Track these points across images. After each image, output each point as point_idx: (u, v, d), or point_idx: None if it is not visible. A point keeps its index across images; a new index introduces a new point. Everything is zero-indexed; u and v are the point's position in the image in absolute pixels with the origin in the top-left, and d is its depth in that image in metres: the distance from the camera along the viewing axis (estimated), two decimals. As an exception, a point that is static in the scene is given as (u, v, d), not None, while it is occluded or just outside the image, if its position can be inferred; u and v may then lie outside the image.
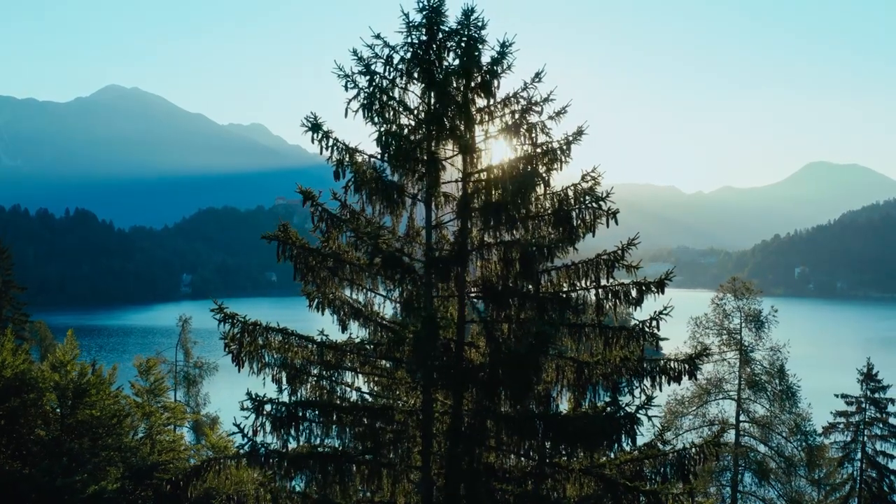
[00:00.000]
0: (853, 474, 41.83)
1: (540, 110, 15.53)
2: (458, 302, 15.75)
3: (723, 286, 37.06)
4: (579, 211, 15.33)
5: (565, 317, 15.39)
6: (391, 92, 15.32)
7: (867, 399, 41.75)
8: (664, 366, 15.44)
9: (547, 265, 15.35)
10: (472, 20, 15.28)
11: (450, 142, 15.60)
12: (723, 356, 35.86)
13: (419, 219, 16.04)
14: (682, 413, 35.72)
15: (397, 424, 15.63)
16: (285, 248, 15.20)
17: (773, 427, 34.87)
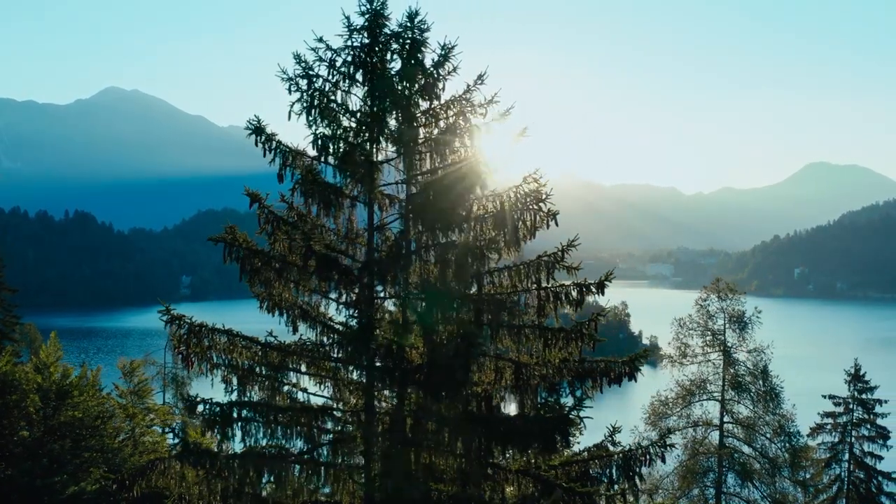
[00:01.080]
0: (841, 475, 41.97)
1: (484, 112, 15.58)
2: (402, 304, 15.88)
3: (706, 287, 37.11)
4: (521, 213, 15.32)
5: (502, 318, 15.45)
6: (333, 95, 15.37)
7: (855, 400, 41.89)
8: (605, 367, 15.60)
9: (490, 267, 15.46)
10: (416, 23, 15.33)
11: (392, 144, 15.73)
12: (707, 357, 35.89)
13: (366, 221, 16.19)
14: (666, 414, 35.76)
15: (339, 425, 15.77)
16: (231, 249, 15.27)
17: (757, 428, 34.91)
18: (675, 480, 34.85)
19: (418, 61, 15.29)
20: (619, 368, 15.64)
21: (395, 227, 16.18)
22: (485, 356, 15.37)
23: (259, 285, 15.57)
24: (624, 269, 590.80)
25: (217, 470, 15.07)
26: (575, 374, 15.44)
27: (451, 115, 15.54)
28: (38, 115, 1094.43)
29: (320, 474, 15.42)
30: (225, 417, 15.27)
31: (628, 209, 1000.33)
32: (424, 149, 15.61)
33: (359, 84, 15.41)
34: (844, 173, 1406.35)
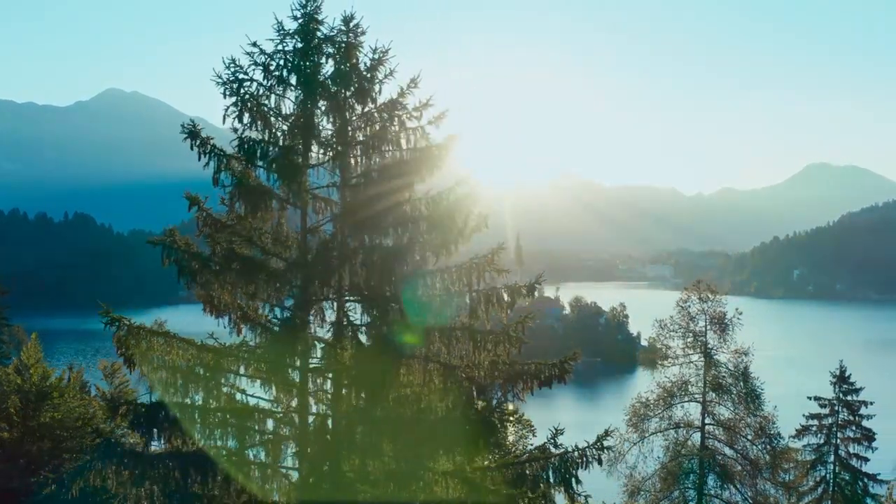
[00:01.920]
0: (826, 477, 42.00)
1: (419, 115, 15.74)
2: (337, 306, 16.00)
3: (687, 288, 37.15)
4: (453, 216, 15.51)
5: (432, 320, 15.60)
6: (266, 99, 15.47)
7: (840, 402, 41.97)
8: (535, 370, 15.80)
9: (423, 269, 15.60)
10: (352, 27, 15.48)
11: (325, 147, 15.87)
12: (688, 358, 35.92)
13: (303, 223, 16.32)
14: (647, 416, 35.78)
15: (275, 425, 15.87)
16: (169, 252, 15.36)
17: (738, 430, 34.96)
18: (657, 482, 34.88)
19: (353, 65, 15.42)
20: (549, 371, 15.99)
21: (330, 230, 16.31)
22: (414, 358, 15.44)
23: (199, 288, 15.61)
24: (624, 270, 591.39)
25: (140, 470, 15.13)
26: (506, 377, 15.64)
27: (385, 119, 15.68)
28: (38, 116, 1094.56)
29: (251, 474, 15.45)
30: (149, 418, 15.37)
31: (628, 210, 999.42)
32: (358, 152, 15.72)
33: (292, 88, 15.50)
34: (845, 174, 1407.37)
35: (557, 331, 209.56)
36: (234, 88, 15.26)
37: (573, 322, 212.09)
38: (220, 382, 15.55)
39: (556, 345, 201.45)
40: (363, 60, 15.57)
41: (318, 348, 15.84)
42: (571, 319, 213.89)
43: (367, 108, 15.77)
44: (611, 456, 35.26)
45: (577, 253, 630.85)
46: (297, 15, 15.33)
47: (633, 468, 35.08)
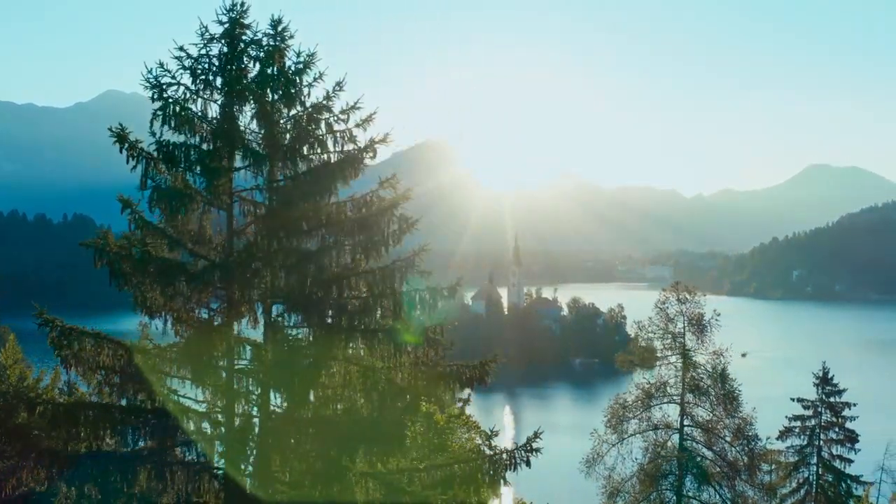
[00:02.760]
0: (809, 478, 42.02)
1: (346, 118, 15.86)
2: (263, 307, 16.12)
3: (665, 289, 37.12)
4: (377, 218, 15.70)
5: (355, 322, 15.80)
6: (192, 103, 15.56)
7: (823, 403, 41.98)
8: (456, 371, 15.99)
9: (349, 271, 15.75)
10: (279, 31, 15.59)
11: (250, 150, 15.88)
12: (666, 360, 35.94)
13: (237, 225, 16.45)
14: (626, 417, 35.79)
15: (197, 425, 15.90)
16: (101, 255, 15.44)
17: (716, 431, 34.99)
18: (636, 484, 34.90)
19: (280, 69, 15.52)
20: (470, 372, 16.15)
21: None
22: (335, 360, 15.60)
23: (131, 290, 15.67)
24: (623, 271, 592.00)
25: (57, 470, 15.17)
26: (428, 378, 15.85)
27: (312, 122, 15.81)
28: (38, 117, 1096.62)
29: (175, 475, 15.51)
30: (69, 418, 15.41)
31: (628, 211, 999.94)
32: (285, 154, 15.80)
33: (218, 91, 15.58)
34: (845, 175, 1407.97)
35: (555, 332, 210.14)
36: (159, 93, 15.39)
37: (571, 323, 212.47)
38: (152, 383, 15.61)
39: (553, 345, 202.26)
40: (291, 64, 15.68)
41: (246, 349, 15.94)
42: (569, 320, 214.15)
43: (295, 112, 15.90)
44: (590, 457, 35.47)
45: (577, 254, 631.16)
46: (222, 19, 15.43)
47: (612, 469, 35.07)
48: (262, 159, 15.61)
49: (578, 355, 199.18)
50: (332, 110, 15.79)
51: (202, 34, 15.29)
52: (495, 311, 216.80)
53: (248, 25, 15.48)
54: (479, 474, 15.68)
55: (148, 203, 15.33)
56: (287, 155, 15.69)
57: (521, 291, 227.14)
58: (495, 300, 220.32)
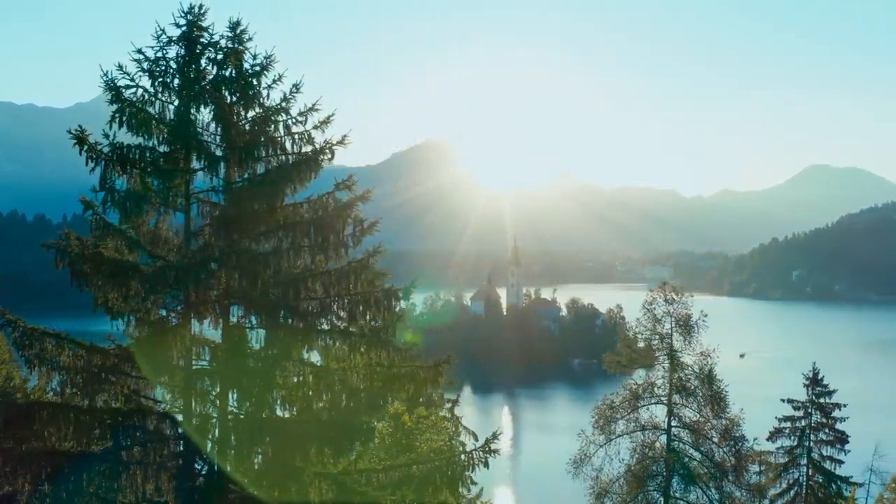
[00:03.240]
0: (799, 479, 42.05)
1: (304, 120, 15.95)
2: (220, 308, 16.17)
3: (652, 290, 37.14)
4: (332, 220, 15.80)
5: (311, 324, 15.89)
6: (149, 105, 15.64)
7: (813, 404, 42.02)
8: (410, 373, 15.98)
9: (304, 273, 15.86)
10: (238, 33, 15.67)
11: (206, 152, 15.97)
12: (654, 361, 35.96)
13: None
14: (614, 418, 35.81)
15: (155, 425, 16.02)
16: (63, 255, 15.53)
17: (703, 432, 35.02)
18: (623, 484, 34.91)
19: (239, 71, 15.63)
20: (424, 374, 16.12)
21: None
22: (290, 361, 15.69)
23: (92, 291, 15.73)
24: (623, 271, 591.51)
25: (11, 468, 15.26)
26: (383, 379, 15.84)
27: (269, 123, 15.91)
28: (38, 118, 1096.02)
29: (131, 475, 15.56)
30: (26, 415, 15.49)
31: (628, 211, 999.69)
32: (242, 156, 15.85)
33: (176, 93, 15.68)
34: (845, 176, 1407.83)
35: (554, 332, 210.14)
36: (116, 95, 15.50)
37: (570, 324, 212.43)
38: (112, 383, 15.68)
39: (552, 346, 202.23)
40: (249, 66, 15.78)
41: (205, 350, 16.02)
42: (568, 321, 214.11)
43: (253, 113, 16.00)
44: (577, 458, 35.52)
45: (577, 254, 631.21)
46: (179, 22, 15.52)
47: (600, 470, 35.10)
48: (219, 161, 15.71)
49: (577, 356, 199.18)
50: (290, 112, 15.90)
51: (158, 37, 15.38)
52: (494, 311, 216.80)
53: (205, 28, 15.56)
54: (437, 475, 15.80)
55: (102, 204, 15.37)
56: (244, 156, 15.74)
57: (520, 292, 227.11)
58: (494, 301, 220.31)
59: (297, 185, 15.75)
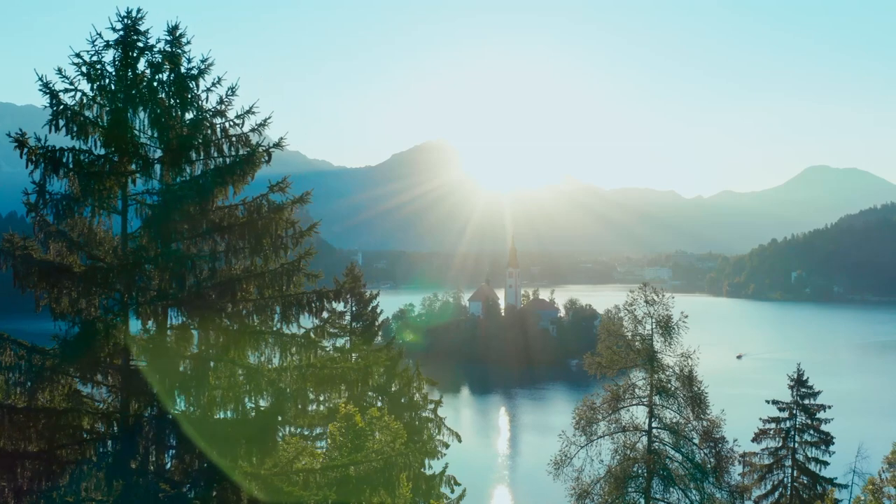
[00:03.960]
0: (784, 481, 42.07)
1: (241, 122, 16.10)
2: (153, 309, 16.24)
3: (632, 291, 37.05)
4: (266, 222, 15.92)
5: (238, 324, 16.03)
6: (87, 109, 15.71)
7: (797, 405, 41.99)
8: (341, 373, 16.13)
9: (238, 275, 15.99)
10: (176, 37, 15.82)
11: (141, 155, 16.10)
12: (635, 362, 35.85)
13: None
14: (595, 419, 35.72)
15: (90, 424, 16.09)
16: (6, 257, 15.48)
17: (684, 433, 34.93)
18: (604, 485, 34.80)
19: (177, 75, 15.78)
20: (354, 375, 16.24)
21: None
22: (223, 362, 15.79)
23: (41, 292, 15.73)
24: (622, 272, 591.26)
25: None
26: (315, 380, 15.95)
27: (207, 126, 16.02)
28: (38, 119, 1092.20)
29: (64, 474, 15.64)
30: None
31: (628, 213, 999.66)
32: (179, 159, 15.97)
33: (114, 96, 15.75)
34: (845, 177, 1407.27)
35: (551, 333, 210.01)
36: (53, 99, 15.54)
37: (568, 324, 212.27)
38: (54, 382, 15.71)
39: (550, 346, 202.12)
40: (187, 70, 15.90)
41: (140, 350, 16.09)
42: (566, 322, 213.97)
43: (190, 116, 16.12)
44: (558, 459, 35.45)
45: (576, 255, 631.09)
46: (116, 26, 15.61)
47: (581, 471, 35.01)
48: (154, 164, 15.86)
49: (575, 356, 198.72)
50: (227, 115, 16.01)
51: (93, 41, 15.45)
52: (492, 312, 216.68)
53: (143, 32, 15.68)
54: (374, 475, 15.95)
55: (35, 206, 15.53)
56: (179, 159, 15.86)
57: (518, 292, 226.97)
58: (492, 301, 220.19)
59: (231, 186, 15.84)
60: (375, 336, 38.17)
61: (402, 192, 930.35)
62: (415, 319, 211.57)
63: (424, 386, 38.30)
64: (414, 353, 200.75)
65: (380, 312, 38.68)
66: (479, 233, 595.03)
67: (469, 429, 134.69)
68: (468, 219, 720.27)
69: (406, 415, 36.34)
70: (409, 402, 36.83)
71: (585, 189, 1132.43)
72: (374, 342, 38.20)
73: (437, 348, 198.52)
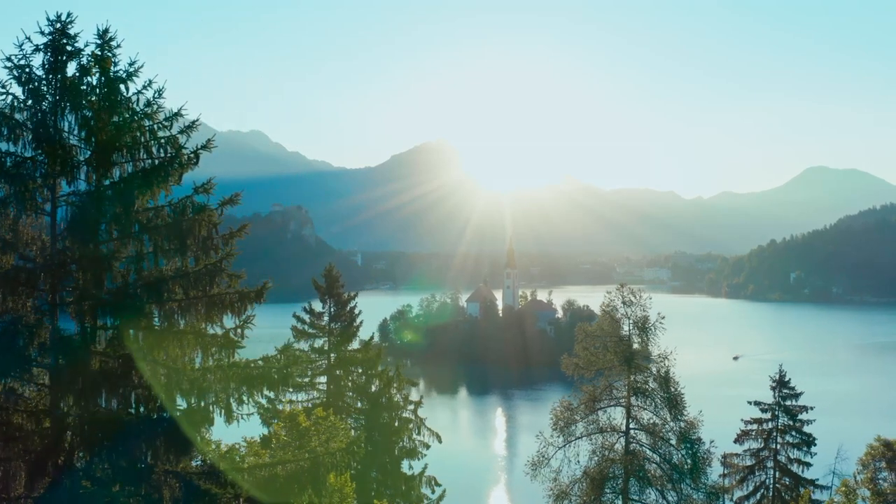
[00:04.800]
0: (765, 482, 41.94)
1: (170, 125, 16.24)
2: (78, 309, 16.35)
3: (609, 292, 36.96)
4: (190, 223, 16.04)
5: (162, 323, 16.15)
6: (18, 112, 15.76)
7: (779, 406, 41.86)
8: (263, 373, 16.18)
9: (166, 275, 16.14)
10: (107, 40, 15.89)
11: (71, 157, 16.13)
12: (612, 363, 35.70)
13: None
14: (573, 420, 35.59)
15: (18, 421, 16.13)
16: None
17: (661, 434, 34.80)
18: (583, 486, 34.63)
19: (105, 77, 15.89)
20: (276, 374, 16.27)
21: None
22: (145, 361, 15.88)
23: None
24: (621, 273, 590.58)
25: None
26: (238, 380, 16.03)
27: (135, 129, 16.14)
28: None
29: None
30: None
31: (627, 213, 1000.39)
32: (106, 160, 16.05)
33: (43, 99, 15.86)
34: (845, 177, 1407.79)
35: (549, 333, 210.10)
36: None
37: (565, 325, 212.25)
38: None
39: (547, 347, 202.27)
40: (116, 73, 16.01)
41: (66, 349, 16.10)
42: (563, 323, 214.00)
43: (119, 119, 16.21)
44: (535, 460, 35.32)
45: (576, 256, 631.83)
46: (45, 30, 15.70)
47: (559, 472, 34.88)
48: (82, 166, 15.97)
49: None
50: (156, 117, 16.13)
51: (20, 45, 15.54)
52: (490, 313, 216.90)
53: (72, 36, 15.79)
54: (301, 474, 16.05)
55: None
56: (108, 161, 15.97)
57: (516, 293, 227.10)
58: (490, 302, 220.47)
59: (157, 188, 15.97)
60: (354, 336, 38.17)
61: (402, 192, 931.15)
62: (412, 320, 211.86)
63: (405, 386, 38.31)
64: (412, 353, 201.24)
65: (358, 313, 38.69)
66: (479, 233, 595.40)
67: (466, 429, 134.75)
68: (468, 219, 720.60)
69: (385, 415, 36.44)
70: (389, 403, 36.83)
71: (585, 189, 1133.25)
72: (353, 342, 38.21)
73: (435, 349, 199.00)
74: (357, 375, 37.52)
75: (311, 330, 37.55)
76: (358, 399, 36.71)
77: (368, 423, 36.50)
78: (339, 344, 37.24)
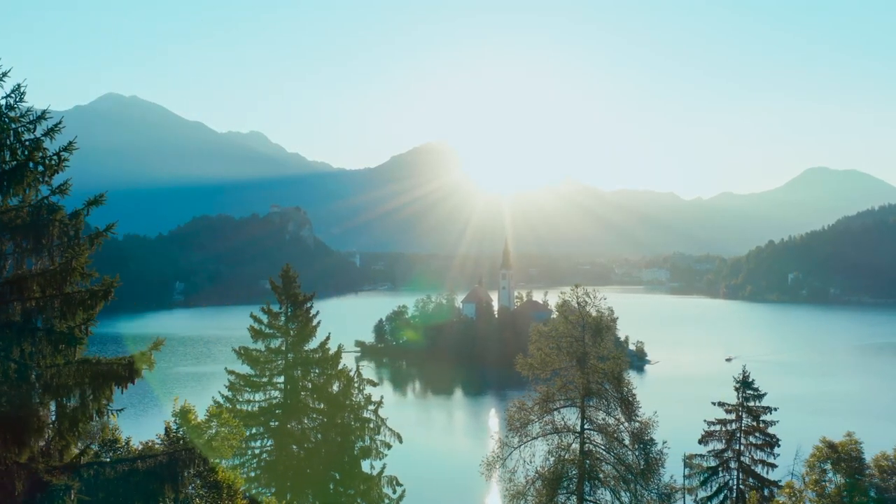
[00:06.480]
0: (729, 483, 41.70)
1: (34, 127, 16.25)
2: None
3: (563, 293, 36.85)
4: (45, 224, 16.17)
5: (21, 321, 16.22)
6: None
7: (743, 407, 41.65)
8: (106, 370, 16.25)
9: (26, 273, 16.25)
10: None
11: None
12: (567, 363, 35.49)
13: None
14: (529, 420, 35.40)
15: None
16: None
17: (615, 435, 34.63)
18: (538, 486, 34.43)
19: None
20: (122, 370, 16.34)
21: None
22: (7, 359, 15.92)
23: None
24: (620, 274, 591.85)
25: None
26: (90, 376, 16.13)
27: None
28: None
29: None
30: None
31: (627, 214, 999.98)
32: None
33: None
34: (844, 178, 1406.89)
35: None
36: None
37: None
38: None
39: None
40: None
41: None
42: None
43: None
44: (489, 460, 35.14)
45: (575, 256, 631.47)
46: None
47: (513, 473, 34.71)
48: None
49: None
50: (20, 119, 16.17)
51: None
52: (485, 313, 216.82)
53: None
54: (159, 470, 16.21)
55: None
56: None
57: (512, 294, 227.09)
58: (486, 303, 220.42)
59: (16, 189, 16.11)
60: (311, 336, 38.09)
61: (402, 193, 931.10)
62: (408, 321, 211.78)
63: (366, 386, 38.18)
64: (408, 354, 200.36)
65: (315, 314, 38.64)
66: (479, 234, 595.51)
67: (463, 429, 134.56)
68: (467, 220, 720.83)
69: (343, 415, 36.35)
70: (349, 403, 36.72)
71: (585, 190, 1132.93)
72: (310, 342, 38.13)
73: (431, 350, 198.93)
74: (316, 375, 37.47)
75: (268, 330, 37.64)
76: (316, 399, 36.63)
77: (326, 422, 36.43)
78: (294, 344, 37.16)
